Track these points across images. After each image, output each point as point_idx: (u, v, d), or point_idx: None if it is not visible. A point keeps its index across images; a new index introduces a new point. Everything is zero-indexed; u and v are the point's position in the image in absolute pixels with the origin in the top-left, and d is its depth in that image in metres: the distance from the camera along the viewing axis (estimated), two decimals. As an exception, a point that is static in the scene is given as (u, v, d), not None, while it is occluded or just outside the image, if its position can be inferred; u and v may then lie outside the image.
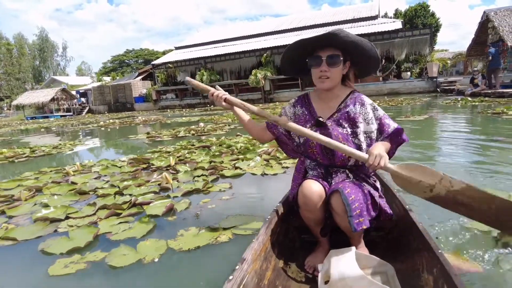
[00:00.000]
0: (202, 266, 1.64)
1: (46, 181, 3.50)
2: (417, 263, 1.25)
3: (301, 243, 1.65)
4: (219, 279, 1.45)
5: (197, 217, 2.23)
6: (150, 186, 3.01)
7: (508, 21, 13.54)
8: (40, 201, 2.78)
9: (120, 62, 61.33)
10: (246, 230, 1.96)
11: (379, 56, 1.49)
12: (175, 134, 7.29)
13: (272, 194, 2.66)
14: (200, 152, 4.53)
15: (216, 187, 2.89)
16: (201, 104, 24.83)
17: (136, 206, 2.49)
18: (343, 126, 1.48)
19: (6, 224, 2.34)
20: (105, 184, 3.20)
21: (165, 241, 1.88)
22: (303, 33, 24.36)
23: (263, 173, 3.24)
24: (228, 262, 1.56)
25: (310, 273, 1.43)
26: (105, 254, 1.77)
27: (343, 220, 1.32)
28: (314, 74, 1.48)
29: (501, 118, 6.14)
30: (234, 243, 1.83)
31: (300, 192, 1.39)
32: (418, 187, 1.37)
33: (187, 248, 1.79)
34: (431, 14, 38.80)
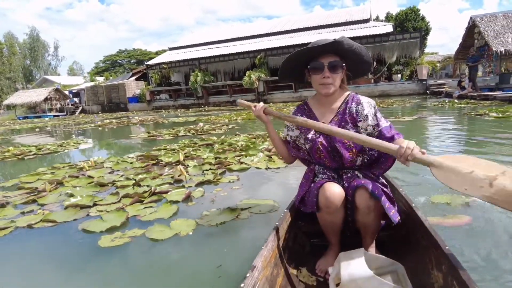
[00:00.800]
0: (230, 237, 1.97)
1: (63, 175, 3.75)
2: (426, 261, 1.26)
3: (311, 248, 1.66)
4: (244, 247, 1.78)
5: (213, 202, 2.55)
6: (164, 178, 3.30)
7: (493, 26, 14.12)
8: (65, 192, 3.06)
9: (113, 62, 61.07)
10: (260, 210, 2.30)
11: (371, 60, 1.58)
12: (176, 133, 7.56)
13: (278, 185, 2.99)
14: (204, 149, 4.82)
15: (225, 179, 3.20)
16: (195, 104, 25.02)
17: (155, 194, 2.79)
18: (345, 127, 1.51)
19: (41, 210, 2.62)
20: (121, 178, 3.48)
21: (193, 220, 2.19)
22: (296, 35, 24.78)
23: (266, 167, 3.56)
24: (251, 234, 1.94)
25: (322, 277, 1.44)
26: (143, 231, 2.07)
27: (365, 216, 1.34)
28: (316, 80, 1.52)
29: (484, 120, 6.59)
30: (253, 219, 2.18)
31: (321, 195, 1.38)
32: (471, 181, 1.11)
33: (214, 224, 2.12)
34: (421, 18, 39.62)
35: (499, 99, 10.63)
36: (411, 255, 1.39)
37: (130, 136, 8.07)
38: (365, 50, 1.52)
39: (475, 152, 3.82)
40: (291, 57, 1.54)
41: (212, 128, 7.95)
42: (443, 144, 4.42)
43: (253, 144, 4.85)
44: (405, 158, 1.22)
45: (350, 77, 1.61)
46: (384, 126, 1.49)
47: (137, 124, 12.07)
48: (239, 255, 1.74)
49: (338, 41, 1.41)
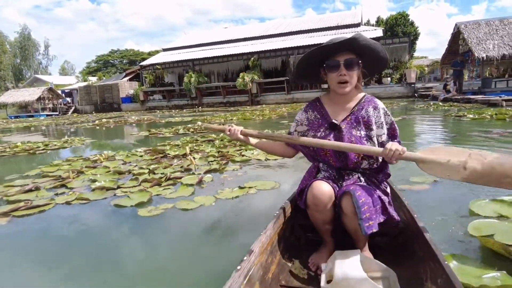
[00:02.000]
0: (245, 205, 2.50)
1: (81, 166, 4.14)
2: (420, 272, 1.26)
3: (306, 241, 1.70)
4: (257, 211, 2.25)
5: (223, 184, 3.00)
6: (175, 168, 3.71)
7: (476, 33, 14.82)
8: (88, 179, 3.46)
9: (105, 62, 60.92)
10: (265, 188, 2.79)
11: (387, 56, 1.55)
12: (175, 131, 7.95)
13: (276, 170, 3.45)
14: (206, 145, 5.25)
15: (229, 168, 3.64)
16: (188, 105, 25.30)
17: (171, 179, 3.21)
18: (357, 129, 1.51)
19: (72, 192, 3.01)
20: (135, 167, 3.88)
21: (211, 196, 2.66)
22: (289, 38, 25.32)
23: (266, 158, 4.00)
24: (260, 202, 2.47)
25: (313, 271, 1.46)
26: (172, 205, 2.53)
27: (351, 222, 1.35)
28: (332, 78, 1.50)
29: (462, 121, 7.17)
30: (260, 193, 2.73)
31: (309, 192, 1.40)
32: (449, 168, 1.32)
33: (230, 197, 2.63)
34: (410, 23, 40.66)
35: (480, 102, 11.28)
36: (406, 264, 1.39)
37: (131, 133, 8.44)
38: (380, 46, 1.50)
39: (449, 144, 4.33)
40: (306, 57, 1.53)
41: (210, 128, 8.34)
42: (423, 139, 4.94)
43: (251, 140, 5.28)
44: (390, 158, 1.33)
45: (366, 75, 1.59)
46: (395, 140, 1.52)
47: (133, 124, 12.40)
48: (254, 217, 2.26)
49: (354, 38, 1.40)
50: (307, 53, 1.51)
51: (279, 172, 3.43)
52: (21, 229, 2.31)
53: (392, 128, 1.55)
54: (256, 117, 11.18)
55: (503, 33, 14.60)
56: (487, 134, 5.10)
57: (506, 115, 7.13)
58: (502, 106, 9.67)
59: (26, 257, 1.89)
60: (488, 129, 5.53)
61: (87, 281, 1.61)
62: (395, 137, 1.54)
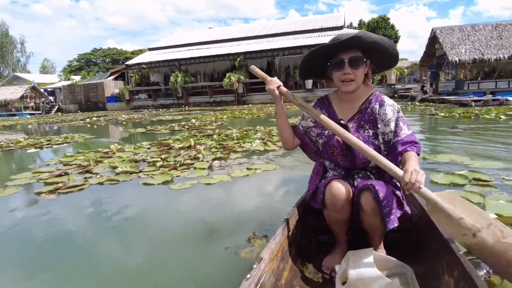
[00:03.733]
0: (255, 181, 3.10)
1: (95, 157, 4.57)
2: (436, 265, 1.24)
3: (318, 244, 1.68)
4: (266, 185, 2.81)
5: (231, 167, 3.53)
6: (184, 157, 4.20)
7: (450, 38, 15.84)
8: (107, 166, 3.91)
9: (87, 61, 60.10)
10: (268, 169, 3.37)
11: (397, 52, 1.49)
12: (171, 128, 8.40)
13: (275, 157, 4.00)
14: (206, 139, 5.74)
15: (232, 156, 4.17)
16: (174, 104, 25.53)
17: (184, 165, 3.71)
18: (365, 128, 1.48)
19: (100, 176, 3.47)
20: (147, 157, 4.35)
21: (225, 175, 3.20)
22: (274, 39, 25.95)
23: (264, 149, 4.55)
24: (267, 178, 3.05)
25: (328, 274, 1.44)
26: (196, 181, 3.07)
27: (370, 218, 1.33)
28: (337, 77, 1.47)
29: (434, 118, 7.94)
30: (265, 173, 3.32)
31: (328, 192, 1.37)
32: (457, 227, 1.18)
33: (242, 175, 3.19)
34: (391, 26, 42.20)
35: (453, 102, 12.19)
36: (421, 258, 1.37)
37: (129, 130, 8.82)
38: (389, 41, 1.44)
39: (422, 140, 4.99)
40: (310, 55, 1.52)
41: (204, 124, 8.84)
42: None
43: (247, 135, 5.83)
44: (407, 189, 1.20)
45: (375, 71, 1.56)
46: (399, 139, 1.43)
47: (124, 122, 12.68)
48: (263, 186, 2.95)
49: (358, 36, 1.36)
50: (311, 51, 1.49)
51: (277, 158, 3.98)
52: (68, 203, 2.78)
53: (396, 125, 1.46)
54: (245, 116, 11.70)
55: (474, 39, 15.67)
56: (453, 129, 5.85)
57: (471, 113, 8.00)
58: (471, 106, 10.55)
59: (78, 224, 2.36)
60: (455, 125, 6.31)
61: (142, 239, 2.10)
62: (399, 135, 1.43)
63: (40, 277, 1.62)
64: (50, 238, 2.08)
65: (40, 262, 1.79)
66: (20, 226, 2.30)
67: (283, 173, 3.29)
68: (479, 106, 10.63)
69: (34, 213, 2.57)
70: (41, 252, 1.90)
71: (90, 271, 1.66)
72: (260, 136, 5.54)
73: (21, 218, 2.48)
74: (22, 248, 1.95)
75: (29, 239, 2.08)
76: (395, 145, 1.43)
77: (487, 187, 2.45)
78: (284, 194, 2.70)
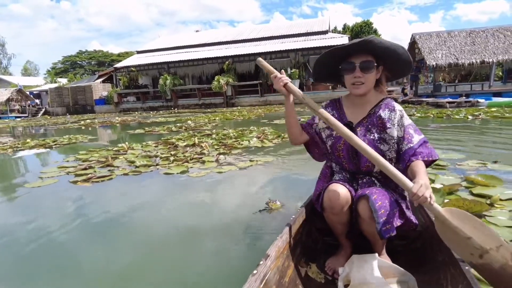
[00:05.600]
0: (257, 169, 3.58)
1: (108, 154, 5.07)
2: (440, 277, 1.24)
3: (323, 245, 1.70)
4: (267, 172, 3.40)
5: (236, 160, 4.11)
6: (192, 153, 4.76)
7: (428, 44, 16.86)
8: (125, 161, 4.43)
9: (72, 63, 59.48)
10: (267, 161, 3.97)
11: (411, 59, 1.48)
12: (169, 129, 8.90)
13: (272, 152, 4.58)
14: (206, 138, 6.30)
15: (234, 152, 4.75)
16: (163, 107, 25.83)
17: (194, 159, 4.27)
18: (371, 132, 1.49)
19: (122, 168, 4.00)
20: (157, 153, 4.88)
21: (232, 166, 3.80)
22: (262, 43, 26.64)
23: (262, 146, 5.15)
24: (267, 168, 3.60)
25: (330, 275, 1.47)
26: (209, 171, 3.63)
27: (368, 225, 1.34)
28: (348, 80, 1.49)
29: (412, 118, 8.73)
30: (266, 164, 3.85)
31: (326, 195, 1.40)
32: (465, 245, 1.15)
33: (246, 166, 3.82)
34: (374, 30, 43.56)
35: (430, 104, 13.10)
36: (425, 268, 1.37)
37: (128, 131, 9.28)
38: (402, 48, 1.44)
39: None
40: (322, 58, 1.54)
41: (199, 125, 9.37)
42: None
43: (243, 135, 6.42)
44: (415, 201, 1.18)
45: (389, 78, 1.58)
46: (411, 146, 1.42)
47: (117, 124, 13.06)
48: (266, 173, 3.48)
49: (368, 40, 1.37)
50: (323, 54, 1.53)
51: (274, 152, 4.59)
52: (102, 189, 3.31)
53: (405, 132, 1.46)
54: (237, 117, 12.28)
55: (450, 44, 16.72)
56: (426, 127, 6.62)
57: (444, 114, 8.85)
58: (446, 107, 11.43)
59: (114, 207, 2.89)
60: (428, 124, 7.09)
61: (177, 213, 2.67)
62: (410, 142, 1.43)
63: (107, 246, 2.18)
64: (98, 214, 2.62)
65: (101, 233, 2.34)
66: (72, 207, 2.83)
67: (282, 163, 3.92)
68: (453, 107, 11.51)
69: (79, 196, 3.11)
70: (99, 223, 2.44)
71: (142, 239, 2.22)
72: (256, 135, 6.14)
73: (69, 200, 3.02)
74: (86, 222, 2.48)
75: (83, 216, 2.61)
76: (406, 152, 1.42)
77: (442, 170, 3.12)
78: (284, 177, 3.36)
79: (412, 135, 1.45)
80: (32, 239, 2.16)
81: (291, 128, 1.63)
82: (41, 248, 2.04)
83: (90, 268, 1.78)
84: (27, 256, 1.93)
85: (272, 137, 5.93)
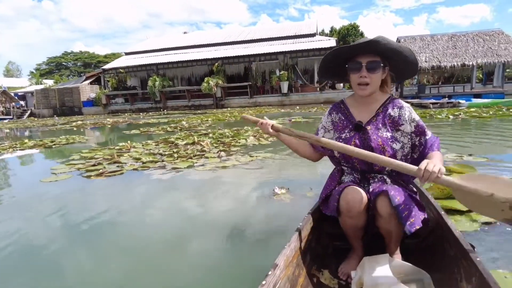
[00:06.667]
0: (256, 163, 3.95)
1: (111, 152, 5.29)
2: (454, 272, 1.23)
3: (334, 250, 1.68)
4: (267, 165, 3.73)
5: (236, 156, 4.42)
6: (193, 150, 5.03)
7: (412, 47, 17.54)
8: (130, 157, 4.68)
9: (57, 65, 58.69)
10: (265, 157, 4.30)
11: (417, 61, 1.50)
12: (165, 129, 9.12)
13: (269, 147, 4.87)
14: (204, 137, 6.58)
15: (233, 150, 5.04)
16: (152, 108, 25.83)
17: (197, 156, 4.55)
18: (383, 130, 1.50)
19: (130, 164, 4.25)
20: (160, 151, 5.13)
21: (234, 161, 4.11)
22: (251, 46, 26.97)
23: (258, 143, 5.47)
24: (265, 162, 3.92)
25: (344, 280, 1.45)
26: (213, 165, 3.91)
27: (387, 223, 1.33)
28: (353, 79, 1.49)
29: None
30: (264, 159, 4.15)
31: (343, 199, 1.39)
32: (491, 204, 1.12)
33: (246, 161, 4.11)
34: (360, 33, 44.53)
35: (415, 105, 13.66)
36: (439, 264, 1.37)
37: (124, 132, 9.47)
38: (408, 50, 1.46)
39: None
40: (328, 56, 1.55)
41: (194, 126, 9.62)
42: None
43: (239, 134, 6.72)
44: (425, 180, 1.21)
45: (393, 79, 1.58)
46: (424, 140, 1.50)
47: (109, 125, 13.11)
48: (264, 165, 3.74)
49: (375, 40, 1.38)
50: (329, 52, 1.53)
51: (271, 149, 4.91)
52: (115, 182, 3.56)
53: (418, 126, 1.51)
54: (229, 118, 12.56)
55: (433, 47, 17.43)
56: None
57: (428, 114, 9.38)
58: (430, 108, 11.98)
59: (128, 197, 3.17)
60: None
61: (190, 201, 2.96)
62: (424, 134, 1.50)
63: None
64: (122, 204, 2.89)
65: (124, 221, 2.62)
66: (92, 196, 3.09)
67: (279, 158, 4.25)
68: (436, 108, 12.08)
69: (96, 188, 3.39)
70: (121, 212, 2.71)
71: (161, 223, 2.51)
72: (252, 134, 6.46)
73: (87, 191, 3.27)
74: (107, 211, 2.75)
75: (111, 206, 2.88)
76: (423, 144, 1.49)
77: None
78: (283, 168, 3.73)
79: (424, 127, 1.52)
80: (83, 221, 2.42)
81: (300, 151, 1.73)
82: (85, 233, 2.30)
83: (131, 250, 2.06)
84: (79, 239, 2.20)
85: (267, 136, 6.23)
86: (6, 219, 2.61)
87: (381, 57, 1.46)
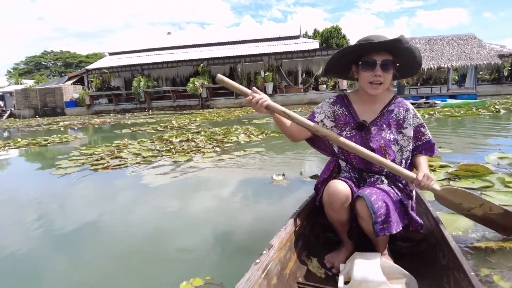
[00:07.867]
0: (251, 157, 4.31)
1: (110, 149, 5.55)
2: (443, 281, 1.24)
3: (325, 240, 1.72)
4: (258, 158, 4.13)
5: (230, 151, 4.78)
6: (188, 146, 5.36)
7: (392, 50, 18.33)
8: (130, 153, 4.97)
9: (37, 64, 57.32)
10: (257, 152, 4.68)
11: (422, 61, 1.50)
12: (155, 129, 9.37)
13: (259, 143, 5.25)
14: (196, 135, 6.90)
15: (226, 146, 5.40)
16: (137, 109, 25.75)
17: (193, 151, 4.88)
18: (386, 131, 1.49)
19: (131, 159, 4.55)
20: (157, 147, 5.43)
21: (229, 155, 4.46)
22: (236, 47, 27.30)
23: (249, 140, 5.85)
24: (258, 156, 4.29)
25: (328, 268, 1.49)
26: (211, 158, 4.25)
27: (367, 224, 1.35)
28: (365, 77, 1.45)
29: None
30: (257, 155, 4.48)
31: (325, 191, 1.42)
32: (458, 207, 1.59)
33: (241, 155, 4.47)
34: (342, 36, 45.56)
35: (394, 105, 14.31)
36: (428, 271, 1.37)
37: (115, 131, 9.66)
38: (419, 51, 1.46)
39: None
40: (342, 52, 1.51)
41: (183, 125, 9.89)
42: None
43: (229, 132, 7.08)
44: (420, 188, 1.40)
45: (396, 77, 1.55)
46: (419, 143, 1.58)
47: (97, 125, 13.17)
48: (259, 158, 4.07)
49: (399, 40, 1.36)
50: (344, 48, 1.50)
51: (262, 145, 5.30)
52: (121, 174, 3.86)
53: (417, 131, 1.55)
54: (217, 118, 12.86)
55: (411, 50, 18.21)
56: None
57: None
58: (407, 108, 12.63)
59: (135, 188, 3.48)
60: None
61: (192, 194, 3.31)
62: (420, 140, 1.57)
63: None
64: (128, 192, 3.21)
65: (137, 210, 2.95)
66: (109, 185, 3.40)
67: (271, 151, 4.66)
68: (414, 107, 12.72)
69: (107, 179, 3.73)
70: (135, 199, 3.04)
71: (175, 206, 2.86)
72: (242, 132, 6.83)
73: (100, 182, 3.58)
74: (124, 200, 3.07)
75: (118, 193, 3.19)
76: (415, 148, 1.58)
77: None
78: (277, 160, 4.14)
79: (424, 134, 1.58)
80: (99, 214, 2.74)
81: (286, 132, 1.60)
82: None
83: (152, 241, 2.41)
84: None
85: (257, 133, 6.64)
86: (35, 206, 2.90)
87: (392, 56, 1.44)
